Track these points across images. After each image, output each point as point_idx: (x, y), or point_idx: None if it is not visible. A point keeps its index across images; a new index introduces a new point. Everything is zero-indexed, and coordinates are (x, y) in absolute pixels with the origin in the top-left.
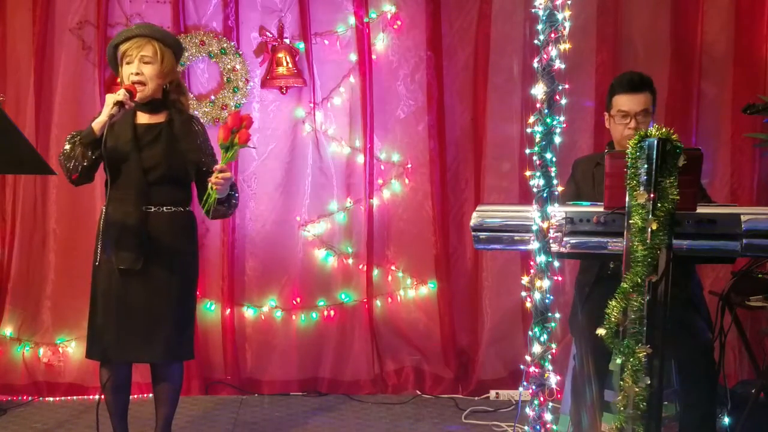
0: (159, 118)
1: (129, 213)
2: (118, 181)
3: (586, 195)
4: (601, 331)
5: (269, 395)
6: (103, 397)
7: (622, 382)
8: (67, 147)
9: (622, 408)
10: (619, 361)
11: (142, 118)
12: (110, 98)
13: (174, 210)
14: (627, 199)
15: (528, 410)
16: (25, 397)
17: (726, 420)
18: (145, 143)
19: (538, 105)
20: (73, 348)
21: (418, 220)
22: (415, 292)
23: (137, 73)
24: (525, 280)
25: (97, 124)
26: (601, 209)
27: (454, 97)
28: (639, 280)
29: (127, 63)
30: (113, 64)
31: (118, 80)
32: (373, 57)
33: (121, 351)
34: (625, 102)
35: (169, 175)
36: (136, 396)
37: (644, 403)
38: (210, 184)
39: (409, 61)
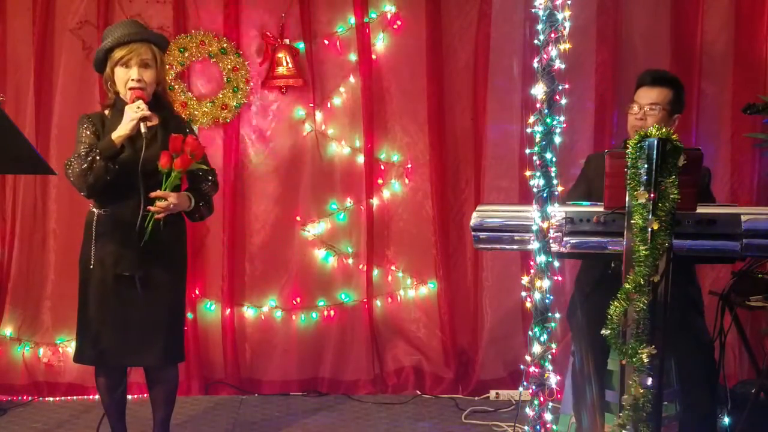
0: (152, 121)
1: (129, 219)
2: (117, 185)
3: (598, 190)
4: (605, 332)
5: (269, 395)
6: (97, 397)
7: (629, 383)
8: (87, 161)
9: (627, 408)
10: (621, 361)
11: None
12: (134, 113)
13: (169, 213)
14: (627, 199)
15: (528, 410)
16: (25, 397)
17: (726, 420)
18: (141, 147)
19: (538, 105)
20: (73, 348)
21: (418, 220)
22: (415, 292)
23: (139, 79)
24: (525, 280)
25: (119, 138)
26: (601, 209)
27: (454, 97)
28: (641, 281)
29: (124, 66)
30: (100, 64)
31: (103, 82)
32: (373, 57)
33: (118, 355)
34: (640, 95)
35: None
36: (135, 396)
37: (648, 404)
38: (150, 212)
39: (409, 61)
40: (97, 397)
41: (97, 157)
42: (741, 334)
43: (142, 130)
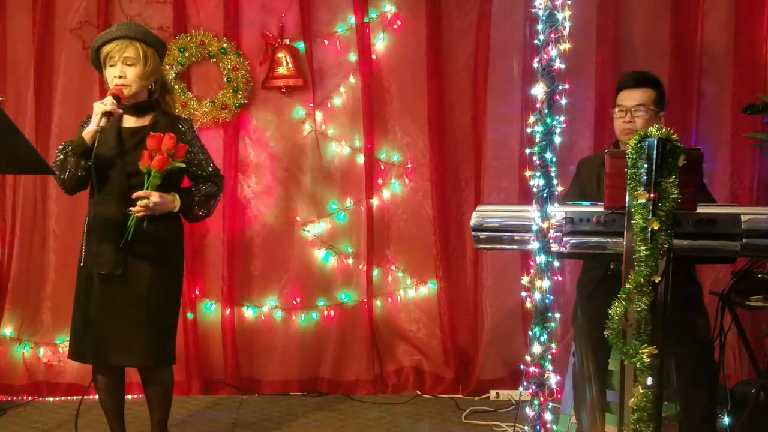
0: (144, 121)
1: (110, 217)
2: (102, 185)
3: (591, 195)
4: (607, 332)
5: (269, 395)
6: (96, 397)
7: (632, 384)
8: (60, 158)
9: (636, 410)
10: (623, 361)
11: (128, 121)
12: (98, 108)
13: (151, 213)
14: (627, 199)
15: (528, 410)
16: (25, 397)
17: (726, 420)
18: (130, 147)
19: (538, 105)
20: None
21: (418, 220)
22: (415, 292)
23: (120, 76)
24: (525, 280)
25: (87, 134)
26: (601, 209)
27: (454, 97)
28: (642, 281)
29: (110, 65)
30: (96, 65)
31: (105, 82)
32: (373, 57)
33: (103, 354)
34: (623, 97)
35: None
36: (135, 396)
37: (650, 405)
38: (132, 213)
39: (409, 61)
40: (97, 397)
41: (69, 154)
42: (741, 334)
43: (101, 124)
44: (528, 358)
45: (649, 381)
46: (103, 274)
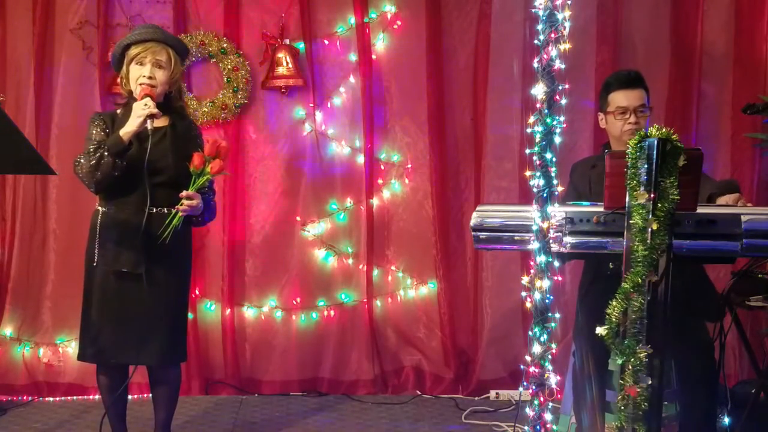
0: (162, 122)
1: (132, 215)
2: (121, 183)
3: (584, 197)
4: (601, 331)
5: (269, 395)
6: (99, 397)
7: (621, 382)
8: (95, 156)
9: (622, 408)
10: (618, 361)
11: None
12: (141, 110)
13: (173, 212)
14: (627, 199)
15: (528, 410)
16: (25, 397)
17: (726, 420)
18: (149, 146)
19: (538, 105)
20: (73, 348)
21: (418, 220)
22: (415, 292)
23: (150, 77)
24: (525, 280)
25: (126, 134)
26: (601, 209)
27: (454, 97)
28: (640, 280)
29: (138, 64)
30: (117, 61)
31: (119, 80)
32: (373, 57)
33: (117, 353)
34: (622, 98)
35: (175, 177)
36: (136, 396)
37: (645, 403)
38: (174, 210)
39: (409, 61)
40: (97, 397)
41: (105, 153)
42: (741, 334)
43: (148, 127)
44: (528, 358)
45: (648, 380)
46: (121, 273)
